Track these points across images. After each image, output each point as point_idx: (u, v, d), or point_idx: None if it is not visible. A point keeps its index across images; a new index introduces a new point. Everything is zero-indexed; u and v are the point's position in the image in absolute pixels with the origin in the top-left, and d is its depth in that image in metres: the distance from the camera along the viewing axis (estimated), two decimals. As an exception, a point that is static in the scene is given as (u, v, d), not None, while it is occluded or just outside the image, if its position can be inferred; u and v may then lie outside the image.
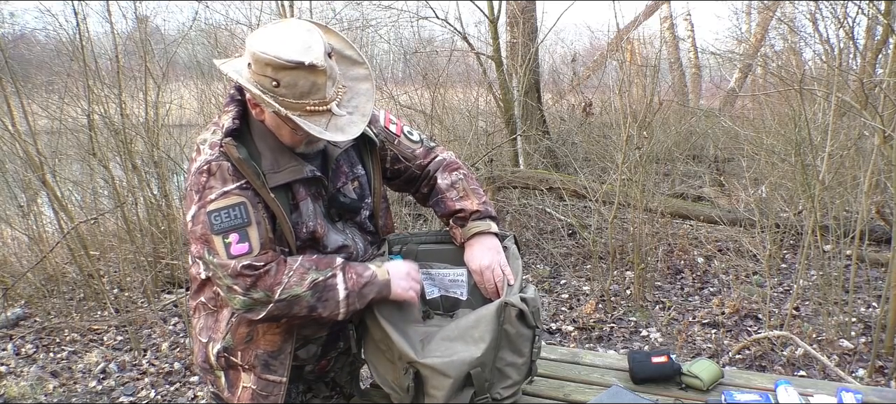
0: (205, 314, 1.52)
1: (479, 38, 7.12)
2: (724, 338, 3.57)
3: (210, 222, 1.30)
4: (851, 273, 3.43)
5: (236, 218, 1.30)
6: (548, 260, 5.07)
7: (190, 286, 1.57)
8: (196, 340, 1.55)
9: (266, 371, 1.46)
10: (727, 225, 4.66)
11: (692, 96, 10.10)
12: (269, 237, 1.34)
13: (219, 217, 1.30)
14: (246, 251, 1.30)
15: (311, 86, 1.27)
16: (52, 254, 4.32)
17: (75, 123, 4.91)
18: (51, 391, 3.37)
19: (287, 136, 1.38)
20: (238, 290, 1.31)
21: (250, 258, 1.30)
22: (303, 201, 1.42)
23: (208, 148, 1.35)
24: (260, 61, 1.25)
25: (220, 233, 1.30)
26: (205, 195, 1.31)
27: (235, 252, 1.29)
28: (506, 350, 1.45)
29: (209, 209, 1.30)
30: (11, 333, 4.10)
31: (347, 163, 1.54)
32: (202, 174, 1.32)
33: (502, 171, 5.31)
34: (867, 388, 1.69)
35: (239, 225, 1.30)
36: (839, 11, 3.91)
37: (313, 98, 1.28)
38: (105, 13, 4.49)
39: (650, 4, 8.99)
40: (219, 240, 1.30)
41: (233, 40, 6.30)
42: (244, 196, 1.31)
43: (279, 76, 1.25)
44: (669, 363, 1.66)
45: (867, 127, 3.54)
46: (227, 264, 1.30)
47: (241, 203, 1.30)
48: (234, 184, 1.31)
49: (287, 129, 1.36)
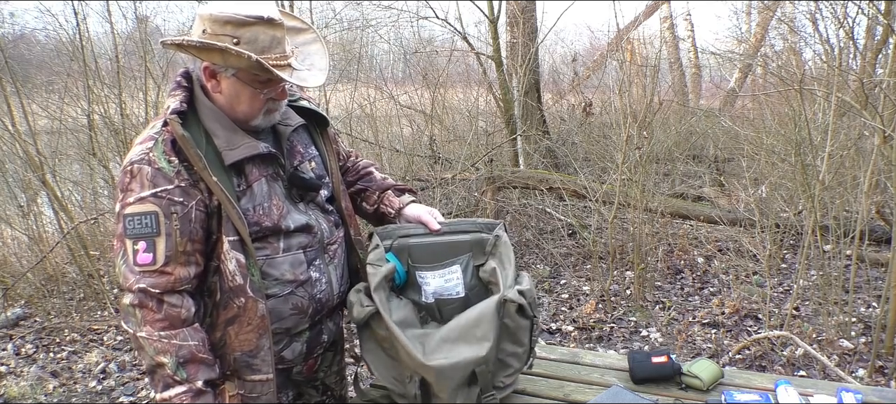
0: None
1: (479, 38, 7.13)
2: (724, 338, 3.57)
3: (125, 225, 1.29)
4: (851, 273, 3.43)
5: (146, 227, 1.28)
6: (548, 260, 5.07)
7: None
8: None
9: (249, 372, 1.42)
10: (727, 225, 4.66)
11: (692, 96, 10.11)
12: (181, 251, 1.30)
13: (132, 222, 1.28)
14: (149, 261, 1.28)
15: (272, 40, 1.29)
16: (52, 254, 4.33)
17: (75, 123, 4.91)
18: (51, 391, 3.37)
19: (245, 105, 1.36)
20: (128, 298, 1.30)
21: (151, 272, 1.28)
22: (256, 182, 1.39)
23: (139, 144, 1.32)
24: (218, 21, 1.27)
25: (131, 238, 1.29)
26: (125, 197, 1.29)
27: (140, 260, 1.28)
28: (506, 342, 1.48)
29: (126, 212, 1.29)
30: (11, 333, 4.10)
31: (301, 143, 1.53)
32: (126, 174, 1.30)
33: (502, 171, 5.31)
34: (867, 388, 1.69)
35: (147, 234, 1.28)
36: (839, 11, 3.91)
37: (274, 52, 1.30)
38: (105, 13, 4.50)
39: (650, 4, 9.00)
40: (129, 245, 1.29)
41: (233, 40, 6.29)
42: (158, 205, 1.28)
43: (239, 32, 1.26)
44: (669, 363, 1.66)
45: (867, 127, 3.54)
46: (128, 273, 1.29)
47: (152, 212, 1.28)
48: (149, 191, 1.28)
49: (245, 97, 1.35)
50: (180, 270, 1.31)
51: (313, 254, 1.48)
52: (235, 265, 1.34)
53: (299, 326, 1.50)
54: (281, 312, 1.43)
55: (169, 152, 1.29)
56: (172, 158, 1.29)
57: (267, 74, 1.30)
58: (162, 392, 1.31)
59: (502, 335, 1.46)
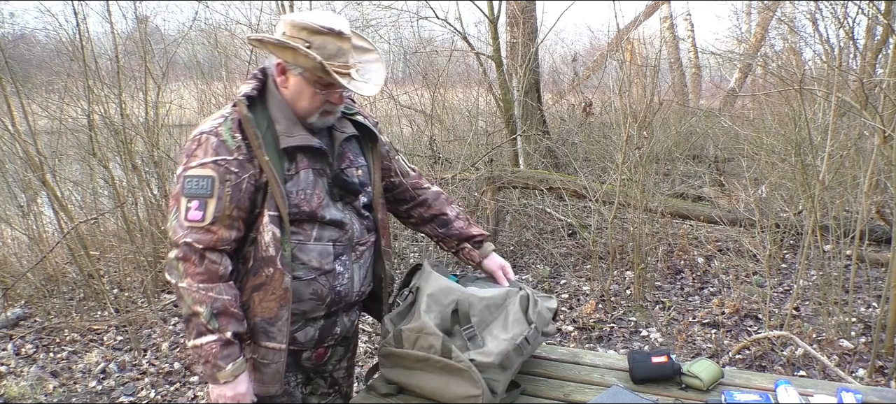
0: None
1: (479, 38, 7.12)
2: (724, 338, 3.57)
3: (184, 185, 1.45)
4: (851, 273, 3.42)
5: (202, 188, 1.44)
6: (548, 260, 5.07)
7: None
8: None
9: (265, 338, 1.53)
10: (727, 225, 4.66)
11: (692, 96, 10.11)
12: (228, 214, 1.46)
13: (191, 182, 1.45)
14: (198, 219, 1.44)
15: (338, 50, 1.48)
16: (52, 254, 4.33)
17: (75, 123, 4.90)
18: (51, 391, 3.37)
19: (306, 102, 1.53)
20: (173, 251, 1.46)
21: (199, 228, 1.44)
22: (304, 170, 1.54)
23: (211, 120, 1.50)
24: (296, 26, 1.47)
25: (186, 195, 1.44)
26: (189, 161, 1.46)
27: (191, 217, 1.44)
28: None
29: (187, 174, 1.45)
30: (11, 333, 4.10)
31: (351, 151, 1.68)
32: (194, 142, 1.47)
33: (502, 171, 5.31)
34: (867, 388, 1.69)
35: (202, 194, 1.44)
36: (839, 11, 3.91)
37: (338, 61, 1.48)
38: (105, 13, 4.50)
39: (650, 4, 9.00)
40: (183, 202, 1.45)
41: (233, 40, 6.30)
42: (216, 171, 1.45)
43: (312, 38, 1.45)
44: (669, 363, 1.66)
45: (867, 127, 3.54)
46: (178, 228, 1.45)
47: (210, 176, 1.44)
48: (211, 158, 1.45)
49: (306, 95, 1.52)
50: (224, 232, 1.46)
51: (341, 249, 1.60)
52: (271, 237, 1.48)
53: (315, 312, 1.61)
54: (301, 294, 1.55)
55: (234, 129, 1.47)
56: (236, 135, 1.47)
57: (328, 78, 1.47)
58: (194, 339, 1.46)
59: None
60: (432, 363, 1.53)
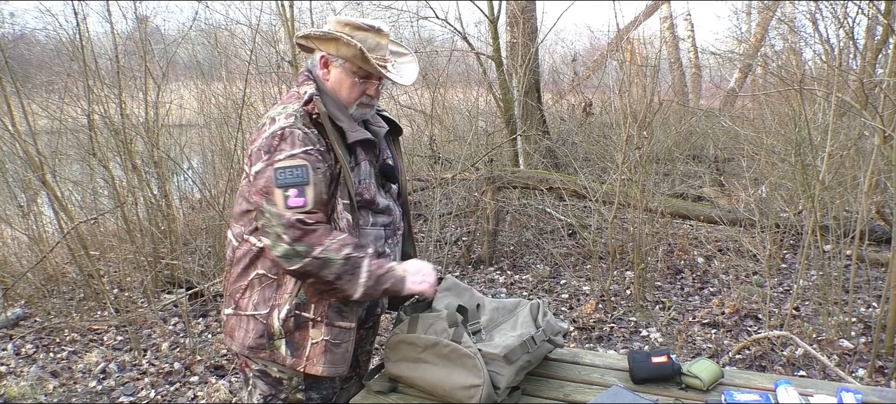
0: (261, 287, 1.63)
1: (479, 38, 7.13)
2: (724, 338, 3.57)
3: (275, 177, 1.51)
4: (851, 273, 3.42)
5: (298, 177, 1.52)
6: (548, 260, 5.08)
7: (230, 270, 1.69)
8: (246, 320, 1.65)
9: (339, 318, 1.62)
10: (727, 225, 4.66)
11: (692, 96, 10.12)
12: (322, 199, 1.55)
13: (283, 173, 1.51)
14: (302, 205, 1.51)
15: (377, 45, 1.62)
16: (52, 254, 4.32)
17: (75, 123, 4.90)
18: (51, 391, 3.37)
19: (345, 92, 1.65)
20: (285, 239, 1.50)
21: (303, 212, 1.51)
22: (363, 161, 1.67)
23: (283, 118, 1.56)
24: (341, 22, 1.63)
25: (281, 186, 1.51)
26: (274, 155, 1.52)
27: (292, 204, 1.51)
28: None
29: (276, 166, 1.52)
30: (11, 333, 4.10)
31: (382, 144, 1.80)
32: (275, 138, 1.54)
33: (502, 171, 5.31)
34: (867, 388, 1.69)
35: (299, 182, 1.52)
36: (839, 11, 3.91)
37: (377, 54, 1.62)
38: (105, 13, 4.49)
39: (650, 4, 9.00)
40: (279, 193, 1.51)
41: (233, 40, 6.31)
42: (307, 160, 1.53)
43: (354, 33, 1.60)
44: (669, 363, 1.66)
45: (867, 127, 3.54)
46: (283, 214, 1.50)
47: (303, 165, 1.52)
48: (300, 149, 1.53)
49: (347, 85, 1.64)
50: (321, 215, 1.56)
51: (389, 232, 1.74)
52: (346, 224, 1.59)
53: None
54: (326, 286, 1.62)
55: (308, 125, 1.57)
56: (311, 130, 1.57)
57: (366, 66, 1.60)
58: (361, 276, 1.53)
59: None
60: (440, 348, 1.58)
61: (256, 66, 5.18)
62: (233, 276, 1.68)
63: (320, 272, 1.52)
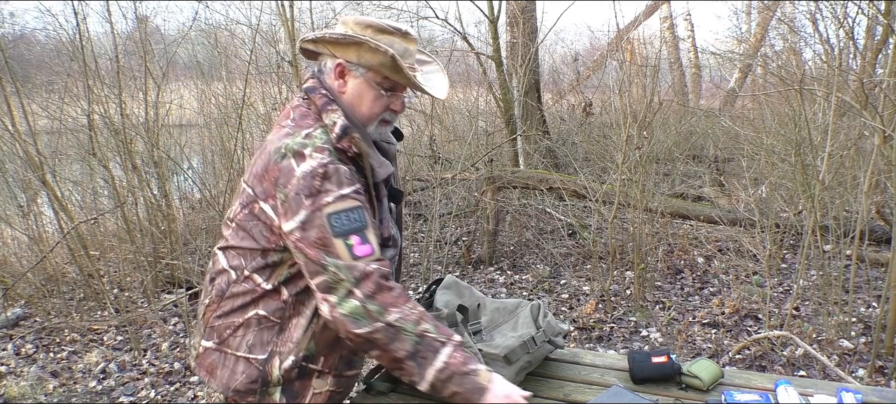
0: (259, 329, 1.41)
1: (479, 38, 7.13)
2: (724, 338, 3.57)
3: (330, 225, 1.27)
4: (851, 273, 3.42)
5: (356, 221, 1.29)
6: (548, 260, 5.08)
7: (218, 302, 1.45)
8: (234, 360, 1.42)
9: (348, 368, 1.47)
10: (727, 225, 4.66)
11: (692, 96, 10.11)
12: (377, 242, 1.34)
13: (339, 219, 1.28)
14: (369, 252, 1.29)
15: (404, 50, 1.40)
16: (52, 254, 4.33)
17: (75, 123, 4.90)
18: (51, 391, 3.37)
19: (366, 107, 1.41)
20: (358, 295, 1.27)
21: (375, 261, 1.30)
22: (383, 197, 1.46)
23: (314, 151, 1.31)
24: (361, 24, 1.39)
25: (340, 235, 1.28)
26: (319, 199, 1.28)
27: (360, 253, 1.28)
28: None
29: (327, 212, 1.28)
30: (11, 333, 4.10)
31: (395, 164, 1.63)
32: (316, 178, 1.28)
33: (502, 171, 5.31)
34: (867, 388, 1.69)
35: (359, 227, 1.29)
36: (839, 11, 3.91)
37: (406, 61, 1.39)
38: (105, 13, 4.50)
39: (650, 4, 9.00)
40: (340, 243, 1.28)
41: (233, 40, 6.31)
42: (359, 200, 1.31)
43: (378, 37, 1.37)
44: (669, 363, 1.66)
45: (867, 127, 3.54)
46: (354, 265, 1.27)
47: (357, 207, 1.30)
48: (349, 188, 1.30)
49: (368, 99, 1.41)
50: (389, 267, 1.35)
51: (394, 263, 1.52)
52: None
53: None
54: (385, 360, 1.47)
55: (344, 160, 1.34)
56: (347, 165, 1.34)
57: (396, 76, 1.38)
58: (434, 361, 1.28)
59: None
60: None
61: (256, 66, 5.18)
62: (221, 309, 1.44)
63: (390, 345, 1.28)
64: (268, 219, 1.35)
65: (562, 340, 1.79)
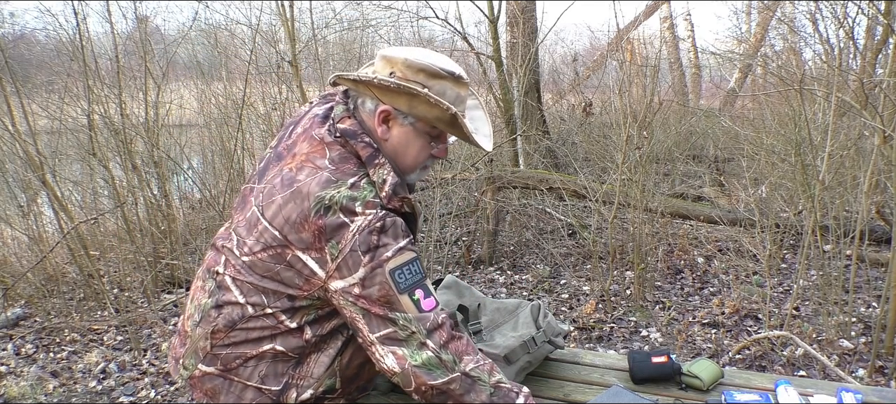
0: (274, 361, 1.36)
1: (479, 38, 7.13)
2: (724, 338, 3.57)
3: (393, 281, 1.24)
4: (851, 273, 3.42)
5: (416, 274, 1.26)
6: (548, 260, 5.07)
7: (227, 332, 1.35)
8: (243, 389, 1.37)
9: (360, 392, 1.49)
10: (727, 225, 4.66)
11: (692, 96, 10.11)
12: None
13: (402, 274, 1.25)
14: (434, 305, 1.28)
15: (457, 97, 1.30)
16: (52, 254, 4.33)
17: (75, 123, 4.90)
18: (51, 391, 3.37)
19: (411, 158, 1.35)
20: (430, 345, 1.25)
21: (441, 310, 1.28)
22: None
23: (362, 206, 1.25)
24: (412, 67, 1.27)
25: (406, 290, 1.25)
26: (378, 254, 1.23)
27: (428, 306, 1.27)
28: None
29: (389, 268, 1.24)
30: (11, 333, 4.10)
31: None
32: (373, 233, 1.23)
33: (502, 171, 5.31)
34: (867, 388, 1.69)
35: (419, 280, 1.27)
36: (839, 11, 3.91)
37: (459, 109, 1.31)
38: (105, 13, 4.50)
39: (650, 4, 9.00)
40: (406, 298, 1.25)
41: (233, 40, 6.31)
42: (415, 250, 1.28)
43: (430, 82, 1.27)
44: (669, 363, 1.66)
45: (867, 127, 3.54)
46: (426, 317, 1.25)
47: (415, 259, 1.27)
48: (405, 240, 1.26)
49: (414, 148, 1.34)
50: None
51: None
52: None
53: None
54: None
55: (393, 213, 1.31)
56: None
57: (452, 130, 1.32)
58: None
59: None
60: None
61: (256, 66, 5.18)
62: (231, 339, 1.35)
63: (465, 395, 1.24)
64: (308, 272, 1.27)
65: (562, 340, 1.79)
